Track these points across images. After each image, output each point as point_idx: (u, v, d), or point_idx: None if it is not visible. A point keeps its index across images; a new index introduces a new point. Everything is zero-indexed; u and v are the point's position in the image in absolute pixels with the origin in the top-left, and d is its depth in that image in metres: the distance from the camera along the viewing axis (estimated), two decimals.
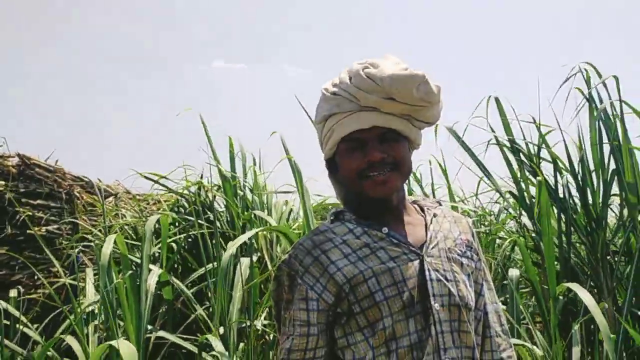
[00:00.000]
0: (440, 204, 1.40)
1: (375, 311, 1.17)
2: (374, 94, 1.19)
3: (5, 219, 4.09)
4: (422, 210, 1.36)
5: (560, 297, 2.50)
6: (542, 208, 2.56)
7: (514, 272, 2.70)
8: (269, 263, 3.38)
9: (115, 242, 2.73)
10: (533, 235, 3.31)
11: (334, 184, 1.37)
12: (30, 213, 4.16)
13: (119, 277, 2.72)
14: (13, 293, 2.95)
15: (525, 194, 3.45)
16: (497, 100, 3.75)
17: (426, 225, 1.30)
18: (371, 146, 1.21)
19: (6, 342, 2.63)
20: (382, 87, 1.18)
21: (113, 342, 2.11)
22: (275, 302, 1.28)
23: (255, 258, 3.41)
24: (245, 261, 3.16)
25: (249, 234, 2.83)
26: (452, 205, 4.15)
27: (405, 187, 1.42)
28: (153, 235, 3.84)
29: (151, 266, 3.19)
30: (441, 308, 1.18)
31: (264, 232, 3.24)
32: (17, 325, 2.80)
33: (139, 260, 3.20)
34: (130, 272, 2.62)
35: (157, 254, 3.61)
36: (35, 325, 3.06)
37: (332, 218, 1.32)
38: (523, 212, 3.49)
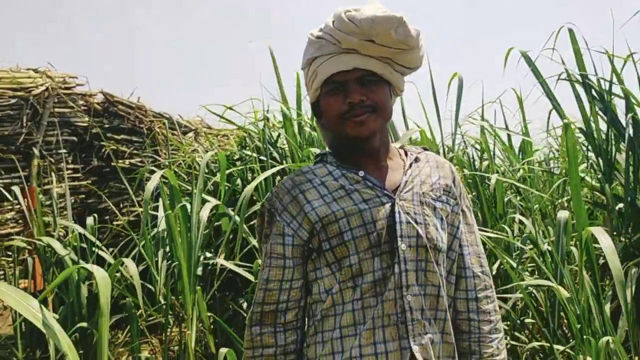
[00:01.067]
0: (426, 150, 1.41)
1: (343, 249, 1.23)
2: (354, 35, 1.21)
3: (92, 152, 4.48)
4: (407, 155, 1.38)
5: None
6: (569, 151, 2.40)
7: (562, 214, 2.58)
8: None
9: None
10: (599, 176, 3.12)
11: (319, 127, 1.41)
12: (114, 147, 4.51)
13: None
14: (90, 220, 3.25)
15: (595, 132, 3.24)
16: (570, 31, 3.48)
17: (404, 169, 1.32)
18: (351, 88, 1.24)
19: (82, 262, 2.94)
20: (362, 29, 1.20)
21: (87, 265, 2.30)
22: (258, 235, 1.37)
23: None
24: None
25: (272, 170, 2.94)
26: (525, 138, 3.99)
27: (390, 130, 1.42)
28: (216, 171, 4.06)
29: (210, 198, 3.39)
30: (408, 248, 1.23)
31: None
32: (93, 249, 3.10)
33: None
34: (182, 204, 2.80)
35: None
36: (111, 249, 3.37)
37: (316, 159, 1.37)
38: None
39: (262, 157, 3.88)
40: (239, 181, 3.98)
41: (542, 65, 3.53)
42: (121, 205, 4.59)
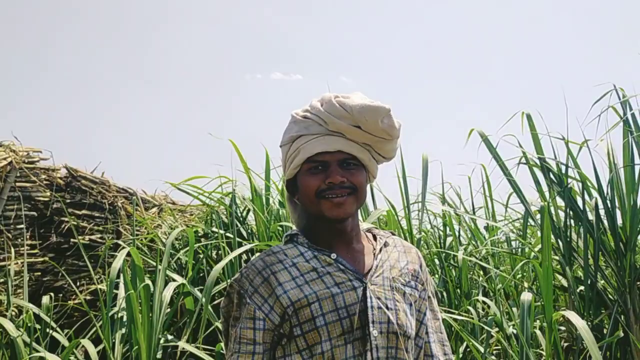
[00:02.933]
0: (394, 234, 1.44)
1: (315, 335, 1.22)
2: (342, 120, 1.28)
3: (52, 228, 4.36)
4: (375, 239, 1.39)
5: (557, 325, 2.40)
6: (543, 235, 2.48)
7: (526, 296, 2.62)
8: None
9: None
10: (558, 258, 3.20)
11: (290, 205, 1.43)
12: (75, 223, 4.41)
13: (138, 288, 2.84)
14: (45, 299, 3.13)
15: (555, 215, 3.35)
16: (529, 117, 3.67)
17: (374, 254, 1.33)
18: (333, 169, 1.28)
19: (35, 345, 2.80)
20: (352, 115, 1.27)
21: (41, 350, 2.23)
22: (224, 318, 1.34)
23: None
24: None
25: (241, 249, 2.92)
26: (487, 222, 4.08)
27: (360, 216, 1.45)
28: (180, 248, 4.01)
29: (176, 276, 3.32)
30: (379, 335, 1.23)
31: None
32: (47, 330, 2.97)
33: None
34: (144, 283, 2.73)
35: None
36: (66, 331, 3.23)
37: (286, 239, 1.37)
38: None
39: (228, 234, 3.85)
40: (203, 258, 3.92)
41: (500, 149, 3.68)
42: (78, 284, 4.43)
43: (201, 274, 3.88)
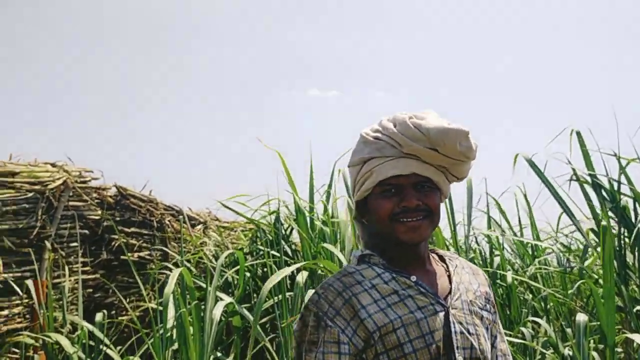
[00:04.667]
0: (458, 256, 1.41)
1: None
2: (418, 142, 1.23)
3: (102, 245, 4.48)
4: (441, 259, 1.37)
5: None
6: (605, 255, 2.42)
7: (581, 318, 2.55)
8: None
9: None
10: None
11: (359, 226, 1.39)
12: (124, 240, 4.52)
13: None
14: (99, 317, 3.21)
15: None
16: (578, 133, 3.59)
17: (449, 275, 1.31)
18: (408, 192, 1.24)
19: None
20: (428, 137, 1.23)
21: None
22: (297, 342, 1.26)
23: None
24: (310, 292, 3.25)
25: (289, 269, 2.93)
26: (535, 243, 4.01)
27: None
28: (226, 265, 4.06)
29: (224, 295, 3.36)
30: None
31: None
32: (101, 347, 3.04)
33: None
34: (195, 302, 2.78)
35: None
36: (119, 348, 3.30)
37: (358, 260, 1.32)
38: None
39: (274, 252, 3.88)
40: (250, 278, 3.97)
41: (548, 166, 3.62)
42: (127, 300, 4.54)
43: (247, 291, 3.93)
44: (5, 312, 3.37)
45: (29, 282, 3.40)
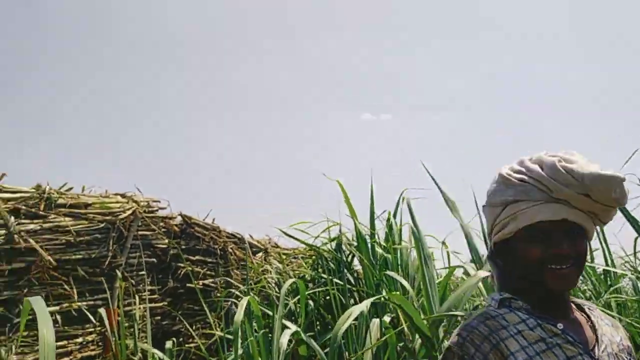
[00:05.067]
0: (596, 307, 1.38)
1: None
2: (569, 187, 1.20)
3: (169, 273, 4.61)
4: (579, 308, 1.34)
5: None
6: None
7: None
8: (403, 324, 3.40)
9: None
10: None
11: (495, 267, 1.36)
12: (190, 268, 4.63)
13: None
14: (168, 344, 3.29)
15: None
16: None
17: (593, 325, 1.28)
18: (558, 238, 1.21)
19: None
20: (581, 183, 1.19)
21: None
22: None
23: (388, 319, 3.44)
24: (375, 322, 3.23)
25: (365, 303, 2.90)
26: (607, 268, 3.85)
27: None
28: (289, 293, 4.08)
29: (288, 323, 3.39)
30: None
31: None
32: None
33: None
34: (262, 331, 2.81)
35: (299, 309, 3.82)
36: None
37: (497, 303, 1.29)
38: None
39: (336, 280, 3.89)
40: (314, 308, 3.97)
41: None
42: (194, 327, 4.63)
43: (310, 319, 3.94)
44: (80, 339, 3.50)
45: (102, 310, 3.52)
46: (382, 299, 3.34)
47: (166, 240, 4.58)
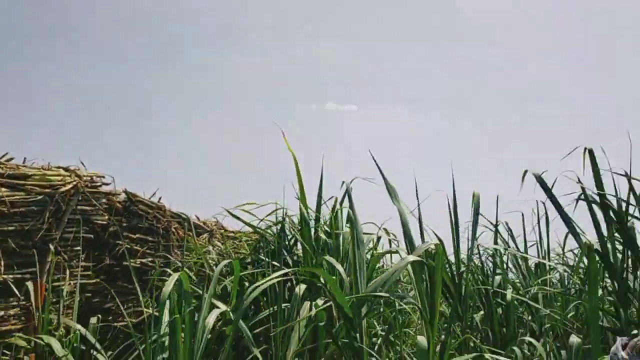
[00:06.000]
0: None
1: None
2: None
3: (106, 251, 4.50)
4: None
5: None
6: (591, 274, 2.35)
7: (574, 340, 2.48)
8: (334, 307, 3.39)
9: None
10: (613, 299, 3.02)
11: None
12: (128, 246, 4.54)
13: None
14: (93, 320, 3.22)
15: (611, 255, 3.18)
16: (590, 152, 3.52)
17: None
18: None
19: None
20: None
21: None
22: None
23: (321, 302, 3.44)
24: (306, 304, 3.22)
25: (278, 273, 2.89)
26: (540, 261, 3.92)
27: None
28: (226, 274, 4.04)
29: (219, 303, 3.35)
30: None
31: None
32: (92, 351, 3.05)
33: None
34: (189, 308, 2.77)
35: None
36: (109, 353, 3.30)
37: None
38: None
39: (275, 263, 3.86)
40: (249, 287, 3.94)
41: (563, 185, 3.56)
42: (125, 306, 4.55)
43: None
44: (1, 313, 3.39)
45: (29, 284, 3.42)
46: (315, 278, 3.33)
47: (106, 217, 4.48)
